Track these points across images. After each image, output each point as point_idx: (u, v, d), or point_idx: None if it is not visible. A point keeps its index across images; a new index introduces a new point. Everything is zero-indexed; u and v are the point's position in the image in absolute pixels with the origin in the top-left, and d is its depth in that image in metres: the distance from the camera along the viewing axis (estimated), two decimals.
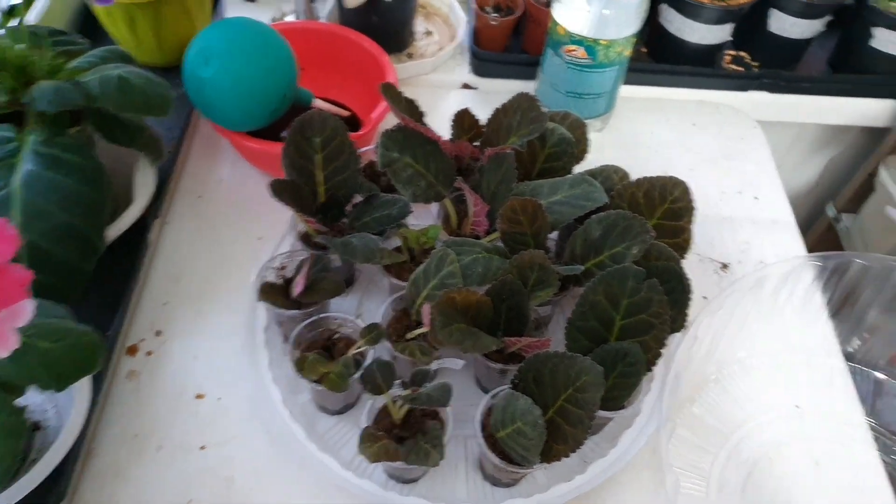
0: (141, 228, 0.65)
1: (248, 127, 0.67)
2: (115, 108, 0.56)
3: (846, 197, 1.11)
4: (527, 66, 0.87)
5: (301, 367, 0.52)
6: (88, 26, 0.86)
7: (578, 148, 0.67)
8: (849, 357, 0.71)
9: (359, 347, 0.54)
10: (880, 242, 1.03)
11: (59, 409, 0.53)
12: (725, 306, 0.57)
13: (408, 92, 0.64)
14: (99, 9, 0.77)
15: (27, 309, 0.40)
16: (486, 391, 0.61)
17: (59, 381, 0.43)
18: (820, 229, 1.19)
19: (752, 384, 0.67)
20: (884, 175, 0.98)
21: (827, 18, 0.87)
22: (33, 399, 0.55)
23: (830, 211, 1.15)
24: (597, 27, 0.70)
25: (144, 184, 0.64)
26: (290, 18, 0.92)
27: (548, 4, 0.83)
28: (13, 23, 0.56)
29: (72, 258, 0.54)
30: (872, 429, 0.67)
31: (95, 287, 0.56)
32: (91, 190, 0.55)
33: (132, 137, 0.62)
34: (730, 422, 0.64)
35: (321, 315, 0.57)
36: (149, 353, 0.61)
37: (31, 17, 0.73)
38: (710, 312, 0.57)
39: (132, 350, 0.61)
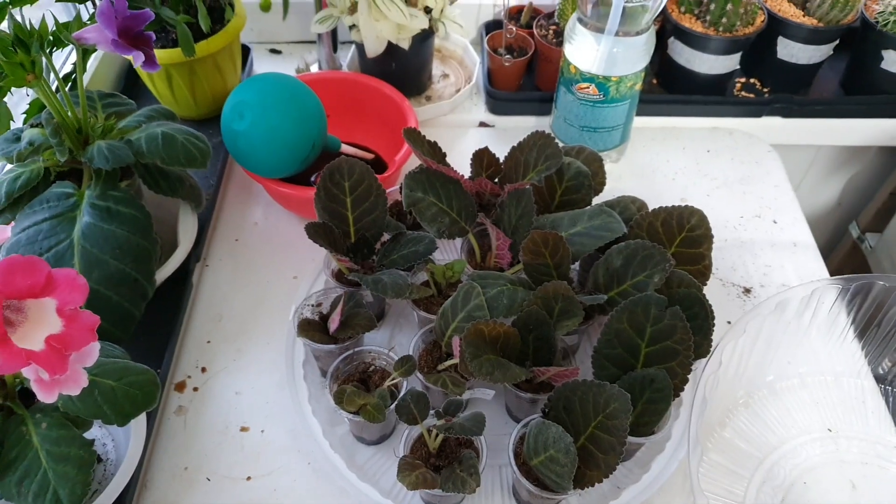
0: (184, 272, 0.69)
1: (281, 174, 0.71)
2: (161, 162, 0.60)
3: (869, 216, 1.12)
4: (540, 103, 0.90)
5: (340, 399, 0.55)
6: (130, 83, 0.92)
7: (596, 180, 0.70)
8: (880, 379, 0.71)
9: (393, 379, 0.57)
10: None
11: (117, 444, 0.57)
12: (749, 330, 0.59)
13: (428, 133, 0.67)
14: (141, 69, 0.82)
15: (95, 350, 0.43)
16: (517, 420, 0.63)
17: (121, 416, 0.46)
18: (845, 249, 1.19)
19: (782, 407, 0.67)
20: None
21: (834, 43, 0.89)
22: (94, 433, 0.58)
23: (854, 231, 1.16)
24: (607, 65, 0.73)
25: (187, 230, 0.68)
26: (314, 68, 0.97)
27: (559, 44, 0.87)
28: (69, 88, 0.61)
29: (125, 302, 0.58)
30: None
31: (144, 328, 0.60)
32: (141, 239, 0.59)
33: (175, 188, 0.66)
34: (762, 446, 0.65)
35: (356, 349, 0.60)
36: (195, 390, 0.64)
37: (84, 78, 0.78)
38: (733, 336, 0.59)
39: (180, 387, 0.64)
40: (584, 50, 0.74)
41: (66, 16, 0.90)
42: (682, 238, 0.63)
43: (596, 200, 0.69)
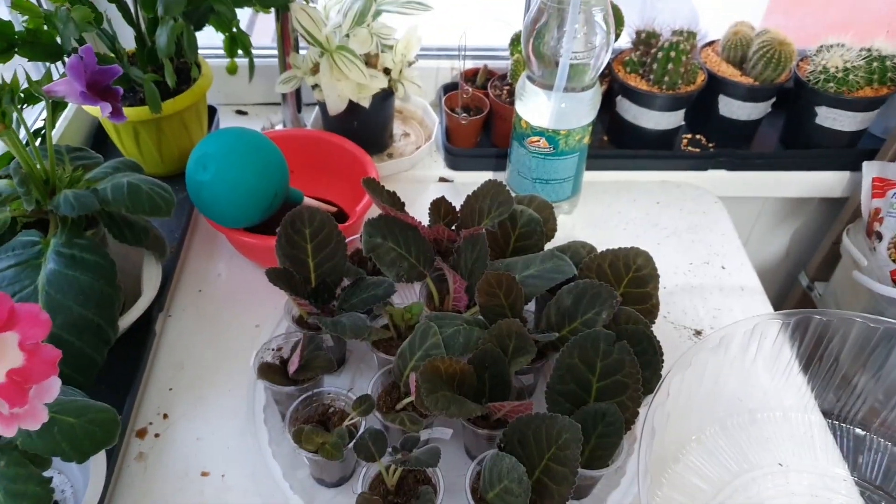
0: (147, 320, 0.70)
1: (243, 224, 0.73)
2: (126, 211, 0.62)
3: (815, 265, 1.17)
4: (496, 158, 0.95)
5: (298, 438, 0.55)
6: (99, 141, 0.95)
7: (547, 226, 0.73)
8: (827, 413, 0.74)
9: (352, 419, 0.58)
10: (854, 307, 1.07)
11: (76, 491, 0.56)
12: (694, 364, 0.61)
13: (390, 187, 0.70)
14: (109, 125, 0.85)
15: (55, 386, 0.44)
16: (474, 459, 0.64)
17: (80, 453, 0.46)
18: (796, 298, 1.23)
19: (734, 443, 0.69)
20: (847, 242, 1.03)
21: (771, 100, 0.96)
22: (54, 480, 0.57)
23: (803, 280, 1.20)
24: (556, 119, 0.78)
25: (150, 279, 0.69)
26: (279, 127, 1.01)
27: (511, 102, 0.92)
28: (39, 142, 0.63)
29: (87, 348, 0.59)
30: (857, 483, 0.69)
31: (106, 376, 0.60)
32: (105, 285, 0.60)
33: (139, 238, 0.68)
34: (715, 481, 0.67)
35: (316, 391, 0.61)
36: (156, 436, 0.64)
37: (53, 133, 0.81)
38: (679, 369, 0.61)
39: (141, 433, 0.64)
40: (533, 106, 0.79)
41: (37, 74, 0.93)
42: (630, 278, 0.66)
43: (548, 246, 0.73)
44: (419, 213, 0.73)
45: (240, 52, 0.85)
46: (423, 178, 0.96)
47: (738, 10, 1.03)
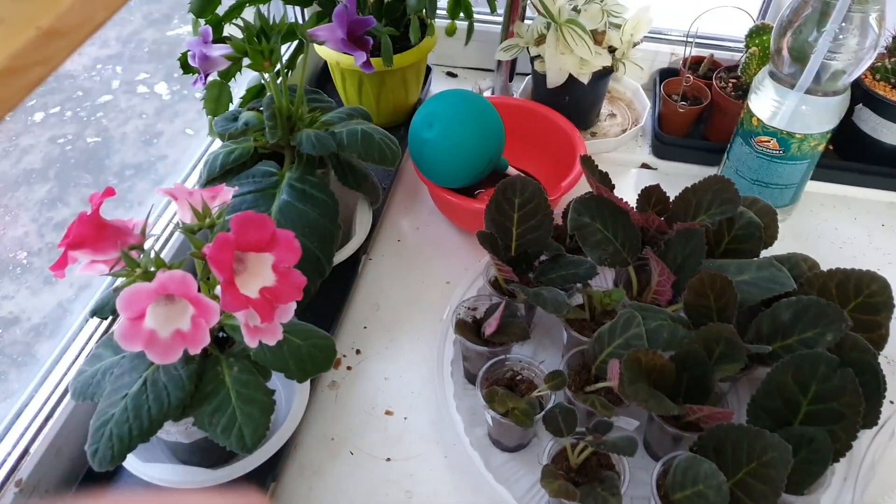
0: (353, 260, 0.74)
1: (455, 184, 0.75)
2: (358, 157, 0.65)
3: None
4: (708, 153, 0.90)
5: (492, 398, 0.57)
6: (321, 84, 1.01)
7: (767, 233, 0.69)
8: None
9: (541, 391, 0.58)
10: None
11: (278, 405, 0.61)
12: None
13: None
14: (336, 71, 0.90)
15: (291, 309, 0.48)
16: (653, 456, 0.62)
17: (302, 372, 0.50)
18: None
19: None
20: None
21: None
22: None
23: None
24: (793, 121, 0.72)
25: (362, 222, 0.74)
26: (487, 94, 1.02)
27: (737, 97, 0.86)
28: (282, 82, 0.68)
29: (306, 277, 0.63)
30: None
31: (311, 306, 0.64)
32: (328, 222, 0.65)
33: (360, 182, 0.71)
34: None
35: (508, 355, 0.62)
36: (349, 368, 0.69)
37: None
38: None
39: (336, 363, 0.69)
40: (770, 103, 0.73)
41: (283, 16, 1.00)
42: (859, 303, 0.61)
43: (764, 254, 0.68)
44: (620, 196, 0.71)
45: (461, 14, 0.86)
46: (626, 161, 0.93)
47: None
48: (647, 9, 0.84)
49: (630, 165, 0.93)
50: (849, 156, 0.89)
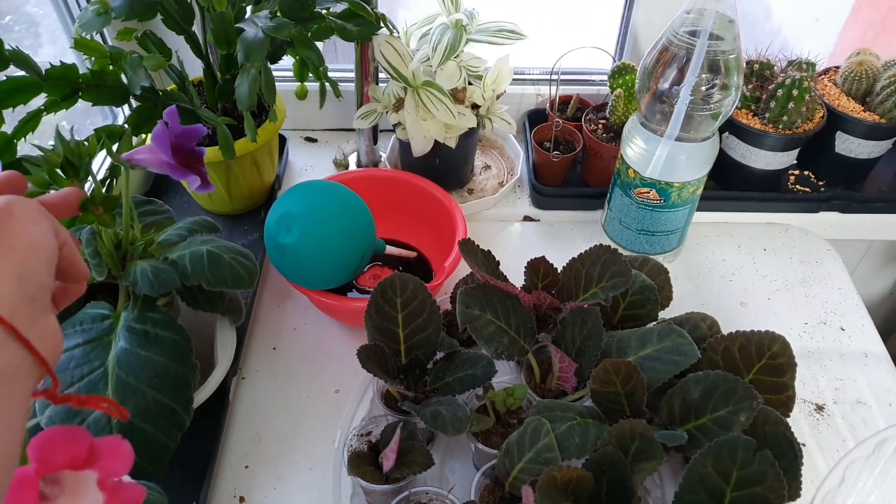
0: (221, 390, 0.64)
1: (328, 286, 0.67)
2: (207, 285, 0.56)
3: None
4: (588, 199, 0.87)
5: None
6: (161, 177, 0.89)
7: (662, 294, 0.66)
8: None
9: None
10: None
11: None
12: (847, 480, 0.53)
13: (471, 227, 0.64)
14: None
15: None
16: None
17: None
18: None
19: None
20: None
21: (894, 138, 0.86)
22: None
23: None
24: (669, 171, 0.70)
25: (225, 347, 0.64)
26: (352, 158, 0.95)
27: (609, 139, 0.84)
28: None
29: (161, 435, 0.53)
30: None
31: (177, 455, 0.55)
32: (180, 365, 0.55)
33: (214, 304, 0.62)
34: None
35: (413, 490, 0.55)
36: None
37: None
38: (829, 490, 0.53)
39: None
40: (644, 154, 0.71)
41: (101, 118, 0.88)
42: (762, 365, 0.58)
43: (662, 315, 0.65)
44: (504, 255, 0.66)
45: (310, 75, 0.78)
46: (507, 216, 0.89)
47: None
48: (507, 58, 0.80)
49: (512, 220, 0.89)
50: (724, 184, 0.89)
